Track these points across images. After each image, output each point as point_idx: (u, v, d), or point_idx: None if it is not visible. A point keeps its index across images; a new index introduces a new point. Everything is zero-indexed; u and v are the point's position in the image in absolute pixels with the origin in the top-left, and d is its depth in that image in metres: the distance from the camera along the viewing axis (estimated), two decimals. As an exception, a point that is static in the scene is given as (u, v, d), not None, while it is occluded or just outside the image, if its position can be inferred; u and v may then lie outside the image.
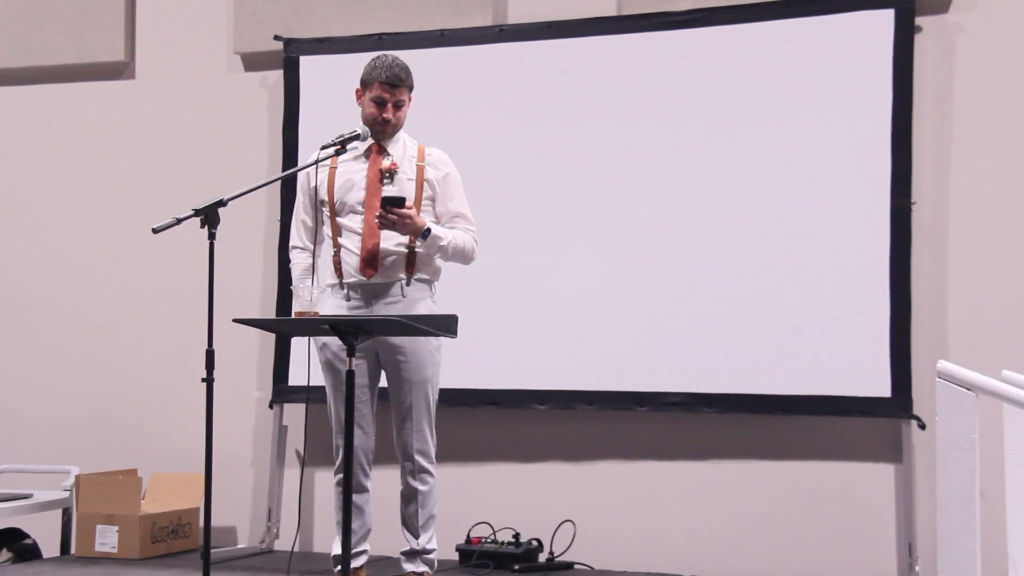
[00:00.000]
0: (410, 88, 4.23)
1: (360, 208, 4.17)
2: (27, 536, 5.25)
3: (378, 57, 4.23)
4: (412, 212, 4.02)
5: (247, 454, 5.71)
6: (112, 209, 5.98)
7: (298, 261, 4.34)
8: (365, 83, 4.23)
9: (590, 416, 5.20)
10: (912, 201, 4.80)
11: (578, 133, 5.24)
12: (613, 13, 5.31)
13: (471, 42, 5.40)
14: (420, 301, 4.19)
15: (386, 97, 4.18)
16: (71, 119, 6.09)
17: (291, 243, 4.40)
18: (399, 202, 3.98)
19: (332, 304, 4.20)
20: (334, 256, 4.22)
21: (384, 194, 4.08)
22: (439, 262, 4.27)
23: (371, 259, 4.14)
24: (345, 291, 4.19)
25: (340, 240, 4.20)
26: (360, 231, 4.16)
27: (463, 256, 4.25)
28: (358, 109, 4.29)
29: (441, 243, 4.14)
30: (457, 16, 5.46)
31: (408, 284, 4.17)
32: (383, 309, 4.14)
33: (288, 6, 5.70)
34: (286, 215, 5.52)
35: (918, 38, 4.85)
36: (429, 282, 4.24)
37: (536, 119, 5.30)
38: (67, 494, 5.18)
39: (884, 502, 4.88)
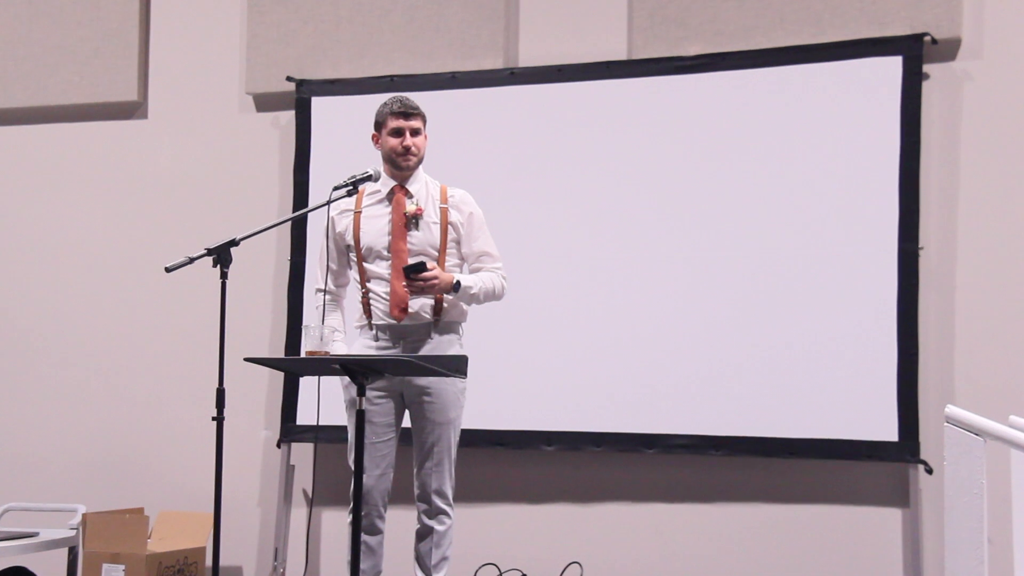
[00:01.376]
0: (424, 118, 4.29)
1: (386, 253, 4.21)
2: (33, 575, 5.23)
3: (386, 99, 4.31)
4: (436, 272, 4.06)
5: (254, 493, 5.71)
6: (124, 247, 6.01)
7: (324, 304, 4.35)
8: (379, 124, 4.30)
9: (597, 457, 5.20)
10: (919, 246, 4.82)
11: (587, 176, 5.27)
12: (623, 57, 5.35)
13: (482, 84, 5.44)
14: (449, 343, 4.22)
15: (403, 125, 4.23)
16: (85, 158, 6.13)
17: (316, 285, 4.41)
18: (420, 268, 4.02)
19: (361, 344, 4.24)
20: (362, 299, 4.25)
21: (425, 253, 4.13)
22: (464, 304, 4.31)
23: (400, 303, 4.16)
24: (374, 332, 4.22)
25: (368, 284, 4.23)
26: (387, 276, 4.19)
27: (494, 297, 4.30)
28: (369, 149, 4.35)
29: (472, 291, 4.19)
30: (468, 59, 5.51)
31: (436, 327, 4.20)
32: (412, 351, 4.16)
33: (300, 48, 5.75)
34: (296, 255, 5.56)
35: (926, 85, 4.88)
36: (457, 324, 4.28)
37: (546, 162, 5.33)
38: (73, 533, 5.16)
39: (891, 547, 4.86)
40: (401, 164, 4.25)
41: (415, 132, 4.26)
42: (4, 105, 6.19)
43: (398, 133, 4.24)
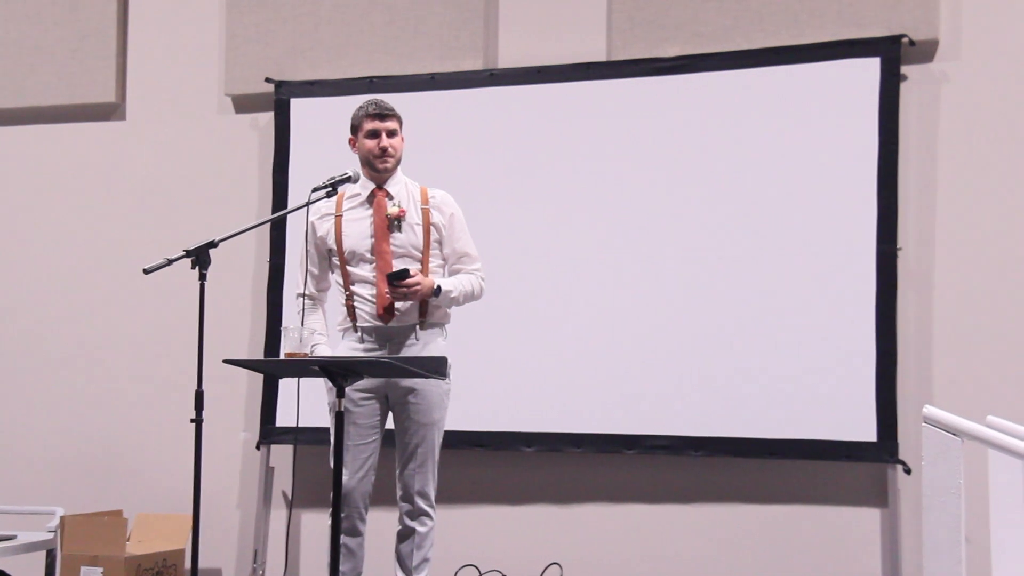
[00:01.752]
0: (399, 120, 4.29)
1: (370, 256, 4.20)
2: (10, 577, 5.22)
3: (361, 102, 4.32)
4: (419, 279, 4.08)
5: (233, 495, 5.69)
6: (103, 249, 5.98)
7: (303, 308, 4.34)
8: (355, 127, 4.30)
9: (577, 458, 5.20)
10: (898, 247, 4.84)
11: (567, 177, 5.27)
12: (603, 59, 5.35)
13: (462, 86, 5.44)
14: (433, 344, 4.23)
15: (378, 127, 4.24)
16: (63, 159, 6.10)
17: (297, 290, 4.39)
18: (404, 275, 4.03)
19: (346, 347, 4.23)
20: (347, 301, 4.24)
21: (408, 255, 4.15)
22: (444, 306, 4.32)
23: (388, 306, 4.16)
24: (359, 334, 4.21)
25: (353, 288, 4.22)
26: (372, 279, 4.19)
27: (473, 298, 4.33)
28: (348, 150, 4.34)
29: (452, 295, 4.22)
30: (448, 60, 5.51)
31: (422, 328, 4.21)
32: (397, 352, 4.17)
33: (279, 49, 5.74)
34: (275, 256, 5.55)
35: (904, 87, 4.90)
36: (441, 325, 4.29)
37: (526, 163, 5.33)
38: (52, 535, 5.15)
39: (870, 547, 4.88)
40: (378, 166, 4.25)
41: (391, 133, 4.26)
42: (-19, 106, 6.17)
43: (374, 135, 4.24)
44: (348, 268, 4.24)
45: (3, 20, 6.14)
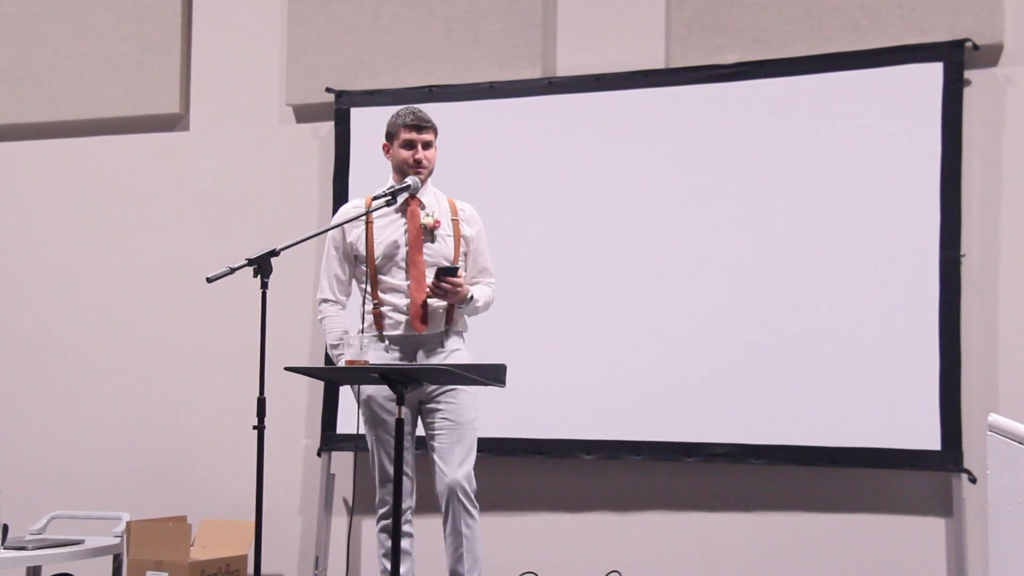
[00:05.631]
0: (436, 131, 4.31)
1: (403, 263, 4.22)
2: (78, 581, 5.30)
3: (398, 110, 4.33)
4: (462, 280, 4.12)
5: (295, 502, 5.74)
6: (166, 258, 6.06)
7: (331, 313, 4.36)
8: (390, 135, 4.33)
9: (637, 466, 5.19)
10: (962, 253, 4.79)
11: (625, 185, 5.27)
12: (661, 66, 5.35)
13: (520, 94, 5.45)
14: (457, 351, 4.25)
15: (415, 138, 4.26)
16: (128, 170, 6.19)
17: (321, 295, 4.39)
18: (453, 272, 4.05)
19: (373, 356, 4.18)
20: (374, 309, 4.24)
21: (440, 265, 4.15)
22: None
23: (422, 315, 4.17)
24: (385, 343, 4.22)
25: (382, 295, 4.23)
26: (405, 288, 4.20)
27: (486, 310, 4.39)
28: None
29: (477, 304, 4.28)
30: (506, 68, 5.53)
31: (447, 336, 4.23)
32: (427, 360, 4.18)
33: (340, 59, 5.79)
34: (336, 264, 5.59)
35: (967, 91, 4.85)
36: (461, 333, 4.32)
37: (584, 170, 5.33)
38: (118, 540, 5.22)
39: (934, 557, 4.82)
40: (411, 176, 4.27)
41: (427, 145, 4.28)
42: (50, 118, 6.27)
43: (410, 146, 4.26)
44: (379, 276, 4.25)
45: (71, 34, 6.24)
